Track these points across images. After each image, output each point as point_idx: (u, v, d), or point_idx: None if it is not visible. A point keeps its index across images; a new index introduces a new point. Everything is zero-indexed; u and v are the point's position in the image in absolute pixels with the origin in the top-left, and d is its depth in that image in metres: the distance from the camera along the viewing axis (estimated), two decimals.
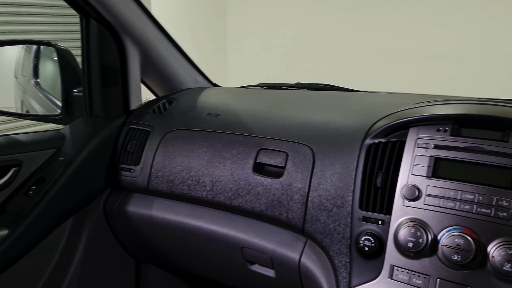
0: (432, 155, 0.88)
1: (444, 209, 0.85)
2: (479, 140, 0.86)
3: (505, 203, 0.80)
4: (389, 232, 0.89)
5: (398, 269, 0.87)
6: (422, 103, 1.03)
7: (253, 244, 1.13)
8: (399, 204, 0.89)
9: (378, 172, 0.93)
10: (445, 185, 0.86)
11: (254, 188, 1.10)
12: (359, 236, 0.92)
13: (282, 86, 1.53)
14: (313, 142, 1.06)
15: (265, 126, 1.16)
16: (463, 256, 0.80)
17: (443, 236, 0.83)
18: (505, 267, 0.77)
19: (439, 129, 0.90)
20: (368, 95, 1.37)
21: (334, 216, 0.98)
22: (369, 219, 0.93)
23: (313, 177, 1.03)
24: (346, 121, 1.07)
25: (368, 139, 0.97)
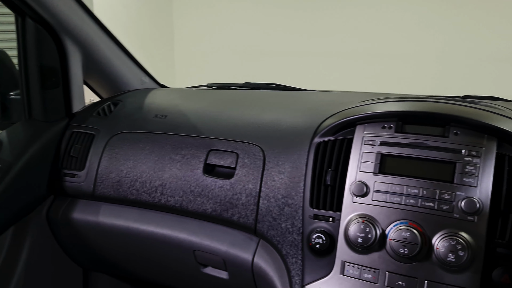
0: (378, 152, 0.90)
1: (391, 204, 0.87)
2: (422, 136, 0.89)
3: (447, 196, 0.83)
4: (340, 228, 0.90)
5: (349, 265, 0.89)
6: (368, 101, 1.06)
7: (206, 247, 1.12)
8: (348, 201, 0.90)
9: (327, 170, 0.95)
10: (391, 180, 0.88)
11: (204, 190, 1.09)
12: (310, 234, 0.93)
13: (230, 86, 1.52)
14: (263, 141, 1.06)
15: (214, 127, 1.15)
16: (410, 249, 0.82)
17: (391, 231, 0.85)
18: (449, 257, 0.80)
19: (384, 126, 0.92)
20: (316, 94, 1.38)
21: (286, 215, 0.98)
22: (319, 217, 0.94)
23: (264, 177, 1.03)
24: (295, 120, 1.08)
25: (316, 138, 0.98)
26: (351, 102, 1.07)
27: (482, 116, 0.88)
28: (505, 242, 0.80)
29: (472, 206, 0.81)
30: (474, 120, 0.86)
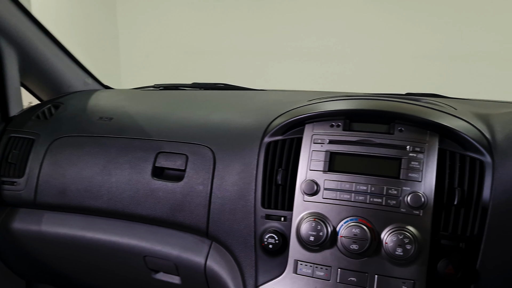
0: (327, 150, 0.91)
1: (341, 201, 0.88)
2: (369, 133, 0.91)
3: (394, 191, 0.85)
4: (292, 228, 0.90)
5: (302, 263, 0.89)
6: (316, 100, 1.07)
7: (157, 252, 1.09)
8: (300, 200, 0.91)
9: (278, 169, 0.95)
10: (340, 178, 0.89)
11: (154, 194, 1.06)
12: (263, 234, 0.93)
13: (178, 86, 1.50)
14: (213, 142, 1.05)
15: (162, 129, 1.12)
16: (360, 245, 0.84)
17: (342, 228, 0.86)
18: (397, 251, 0.82)
19: (333, 124, 0.94)
20: (265, 93, 1.38)
21: (238, 216, 0.97)
22: (271, 217, 0.94)
23: (214, 178, 1.01)
24: (244, 120, 1.08)
25: (266, 137, 0.98)
26: (300, 101, 1.07)
27: (424, 113, 0.91)
28: (448, 234, 0.83)
29: (417, 200, 0.83)
30: (417, 117, 0.89)
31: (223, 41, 4.13)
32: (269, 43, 3.88)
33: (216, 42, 4.17)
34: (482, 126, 0.90)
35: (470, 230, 0.83)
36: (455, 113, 0.94)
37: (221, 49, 4.15)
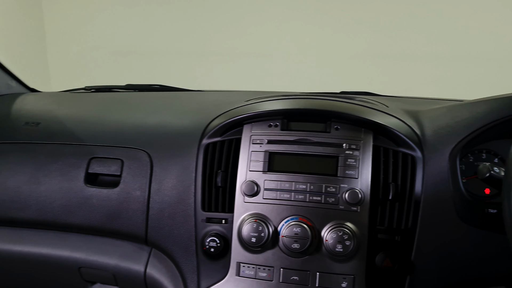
0: (266, 150, 0.91)
1: (282, 201, 0.88)
2: (306, 132, 0.92)
3: (332, 189, 0.87)
4: (233, 230, 0.90)
5: (244, 265, 0.88)
6: (253, 100, 1.07)
7: (92, 262, 1.04)
8: (240, 201, 0.90)
9: (217, 171, 0.94)
10: (280, 178, 0.89)
11: (88, 201, 1.01)
12: (204, 238, 0.91)
13: (111, 88, 1.44)
14: (149, 146, 1.01)
15: (95, 133, 1.07)
16: (301, 243, 0.84)
17: (283, 227, 0.86)
18: (337, 248, 0.83)
19: (271, 124, 0.94)
20: (202, 94, 1.37)
21: (177, 221, 0.95)
22: (212, 220, 0.92)
23: (152, 183, 0.98)
24: (182, 122, 1.05)
25: (205, 139, 0.97)
26: (237, 102, 1.07)
27: (359, 111, 0.93)
28: (385, 228, 0.86)
29: (355, 197, 0.85)
30: (352, 115, 0.91)
31: (159, 41, 4.04)
32: (205, 42, 3.85)
33: (152, 42, 4.07)
34: (412, 122, 0.93)
35: (405, 223, 0.86)
36: (387, 110, 0.97)
37: (156, 49, 4.06)
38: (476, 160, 0.92)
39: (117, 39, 4.18)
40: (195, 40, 3.89)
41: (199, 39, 3.87)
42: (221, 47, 3.75)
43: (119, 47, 4.17)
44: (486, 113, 0.86)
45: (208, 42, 3.84)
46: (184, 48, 3.94)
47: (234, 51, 3.67)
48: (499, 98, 0.88)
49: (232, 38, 3.71)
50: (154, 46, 4.06)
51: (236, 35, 3.69)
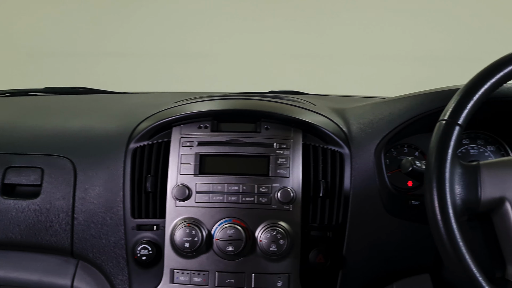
0: (197, 153, 0.90)
1: (214, 204, 0.87)
2: (237, 133, 0.91)
3: (265, 189, 0.87)
4: (165, 236, 0.87)
5: (178, 272, 0.86)
6: (182, 101, 1.04)
7: (12, 280, 0.97)
8: (172, 206, 0.88)
9: (147, 176, 0.91)
10: (212, 180, 0.88)
11: (4, 215, 0.94)
12: (135, 246, 0.88)
13: (28, 92, 1.35)
14: (72, 152, 0.96)
15: (11, 140, 1.00)
16: (235, 245, 0.84)
17: (216, 230, 0.85)
18: (271, 248, 0.84)
19: (200, 126, 0.92)
20: (128, 96, 1.32)
21: (106, 230, 0.91)
22: (143, 227, 0.89)
23: (76, 191, 0.93)
24: (107, 126, 1.01)
25: (132, 143, 0.93)
26: (166, 103, 1.04)
27: (288, 110, 0.94)
28: (317, 225, 0.88)
29: (286, 195, 0.86)
30: (281, 114, 0.92)
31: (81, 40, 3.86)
32: (130, 42, 3.73)
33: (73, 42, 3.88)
34: (339, 120, 0.96)
35: (335, 219, 0.88)
36: (315, 109, 0.99)
37: (78, 50, 3.87)
38: (399, 154, 0.96)
39: (35, 39, 3.94)
40: (119, 40, 3.76)
41: (124, 38, 3.74)
42: (147, 47, 3.66)
43: (37, 47, 3.93)
44: (406, 109, 0.91)
45: (134, 42, 3.72)
46: (108, 48, 3.79)
47: (161, 51, 3.59)
48: (418, 95, 0.93)
49: (159, 37, 3.63)
50: (75, 46, 3.88)
51: (162, 34, 3.61)
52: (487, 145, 0.97)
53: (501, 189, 0.64)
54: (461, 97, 0.65)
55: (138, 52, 3.71)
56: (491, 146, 0.97)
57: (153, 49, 3.68)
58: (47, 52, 3.92)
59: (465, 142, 0.97)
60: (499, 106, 0.87)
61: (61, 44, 3.96)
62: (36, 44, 3.94)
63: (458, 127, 0.64)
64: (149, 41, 3.70)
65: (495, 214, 0.65)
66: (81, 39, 3.92)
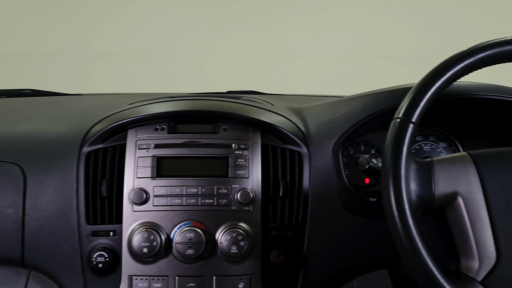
0: (154, 155, 0.88)
1: (173, 207, 0.86)
2: (194, 134, 0.90)
3: (224, 190, 0.86)
4: (123, 242, 0.85)
5: (137, 278, 0.84)
6: (137, 103, 1.02)
7: None
8: (129, 211, 0.86)
9: (102, 180, 0.88)
10: (170, 183, 0.87)
11: None
12: (90, 253, 0.85)
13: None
14: (21, 158, 0.92)
15: None
16: (195, 249, 0.82)
17: (176, 234, 0.84)
18: (232, 249, 0.83)
19: (157, 128, 0.90)
20: (80, 98, 1.28)
21: (59, 237, 0.87)
22: (99, 233, 0.87)
23: (26, 198, 0.89)
24: (58, 129, 0.97)
25: (85, 147, 0.90)
26: (120, 105, 1.01)
27: (246, 111, 0.94)
28: (277, 225, 0.88)
29: (246, 196, 0.85)
30: (239, 115, 0.92)
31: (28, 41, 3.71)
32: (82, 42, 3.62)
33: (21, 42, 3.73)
34: (297, 119, 0.96)
35: (295, 218, 0.88)
36: (273, 109, 0.99)
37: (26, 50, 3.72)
38: (356, 152, 0.98)
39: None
40: (71, 40, 3.64)
41: (75, 38, 3.63)
42: (100, 47, 3.56)
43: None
44: (362, 108, 0.92)
45: (86, 42, 3.62)
46: (59, 48, 3.66)
47: (114, 51, 3.50)
48: (373, 94, 0.95)
49: (112, 37, 3.54)
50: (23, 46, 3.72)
51: (116, 34, 3.53)
52: (439, 141, 1.00)
53: (453, 184, 0.66)
54: (414, 96, 0.66)
55: (91, 52, 3.61)
56: (443, 142, 1.00)
57: (106, 49, 3.59)
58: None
59: (419, 139, 1.00)
60: (449, 103, 0.90)
61: (7, 44, 3.79)
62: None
63: (412, 125, 0.65)
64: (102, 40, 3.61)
65: (449, 208, 0.67)
66: (26, 39, 3.76)
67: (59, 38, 3.72)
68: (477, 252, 0.63)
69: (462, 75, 0.67)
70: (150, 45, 3.46)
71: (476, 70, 0.68)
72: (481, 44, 0.67)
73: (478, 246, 0.63)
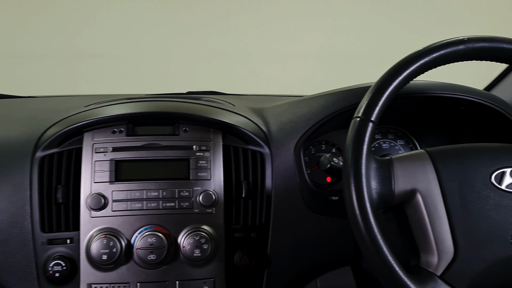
0: (112, 159, 0.85)
1: (133, 212, 0.83)
2: (154, 136, 0.88)
3: (186, 193, 0.85)
4: (80, 249, 0.82)
5: (96, 286, 0.82)
6: (94, 105, 0.99)
7: None
8: (86, 217, 0.83)
9: (57, 186, 0.84)
10: (130, 187, 0.84)
11: None
12: (46, 262, 0.82)
13: None
14: None
15: None
16: (157, 254, 0.81)
17: (136, 239, 0.82)
18: (195, 253, 0.82)
19: (115, 130, 0.88)
20: (33, 100, 1.23)
21: (12, 247, 0.83)
22: (55, 241, 0.83)
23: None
24: (9, 133, 0.92)
25: (39, 152, 0.86)
26: (76, 107, 0.98)
27: (206, 112, 0.92)
28: (240, 226, 0.87)
29: (208, 198, 0.84)
30: (199, 116, 0.90)
31: None
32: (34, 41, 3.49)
33: None
34: (258, 120, 0.96)
35: (259, 220, 0.88)
36: (233, 109, 0.98)
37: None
38: (317, 151, 0.98)
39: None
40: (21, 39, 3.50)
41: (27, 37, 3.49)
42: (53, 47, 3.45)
43: None
44: (322, 107, 0.93)
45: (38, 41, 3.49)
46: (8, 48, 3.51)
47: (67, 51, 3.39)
48: (333, 93, 0.96)
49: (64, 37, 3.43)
50: None
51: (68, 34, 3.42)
52: (397, 139, 1.03)
53: (412, 181, 0.67)
54: (372, 95, 0.67)
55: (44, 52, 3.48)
56: (401, 140, 1.03)
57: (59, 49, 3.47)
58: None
59: (378, 137, 1.02)
60: (406, 102, 0.92)
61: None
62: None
63: (372, 124, 0.66)
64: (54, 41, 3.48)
65: (408, 205, 0.68)
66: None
67: (10, 36, 3.56)
68: (436, 247, 0.65)
69: (418, 74, 0.69)
70: (106, 45, 3.38)
71: (431, 69, 0.69)
72: (435, 43, 0.68)
73: (436, 242, 0.65)
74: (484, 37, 0.68)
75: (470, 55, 0.68)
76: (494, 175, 0.66)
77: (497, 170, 0.67)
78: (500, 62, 0.71)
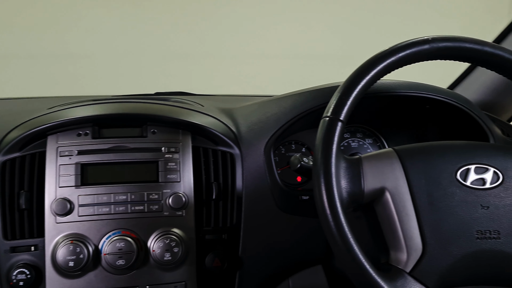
0: (77, 162, 0.83)
1: (100, 216, 0.81)
2: (121, 139, 0.86)
3: (155, 196, 0.83)
4: (46, 256, 0.79)
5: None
6: (57, 107, 0.96)
7: None
8: (51, 223, 0.80)
9: (20, 192, 0.81)
10: (96, 191, 0.82)
11: None
12: (10, 271, 0.79)
13: None
14: None
15: None
16: (126, 259, 0.79)
17: (104, 244, 0.80)
18: (165, 257, 0.80)
19: (80, 133, 0.85)
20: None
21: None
22: (18, 249, 0.80)
23: None
24: None
25: (0, 156, 0.83)
26: (38, 110, 0.94)
27: (175, 113, 0.91)
28: (211, 228, 0.86)
29: (178, 201, 0.83)
30: (168, 117, 0.89)
31: None
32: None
33: None
34: (228, 120, 0.95)
35: (230, 221, 0.87)
36: (202, 110, 0.97)
37: None
38: (287, 151, 0.98)
39: None
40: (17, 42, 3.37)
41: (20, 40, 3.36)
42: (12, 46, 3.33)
43: None
44: (292, 107, 0.93)
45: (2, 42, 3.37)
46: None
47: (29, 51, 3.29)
48: (302, 93, 0.96)
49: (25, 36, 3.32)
50: None
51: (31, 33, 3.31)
52: (365, 138, 1.04)
53: (381, 180, 0.68)
54: (341, 94, 0.67)
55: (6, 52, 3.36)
56: (369, 138, 1.04)
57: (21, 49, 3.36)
58: None
59: (346, 136, 1.03)
60: (374, 101, 0.94)
61: None
62: None
63: (341, 123, 0.66)
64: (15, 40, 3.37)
65: (377, 203, 0.69)
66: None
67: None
68: (405, 244, 0.66)
69: (384, 73, 0.70)
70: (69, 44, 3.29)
71: (397, 68, 0.70)
72: (401, 43, 0.69)
73: (405, 239, 0.66)
74: (448, 36, 0.69)
75: (435, 55, 0.70)
76: (459, 172, 0.68)
77: (462, 167, 0.68)
78: (463, 61, 0.73)
